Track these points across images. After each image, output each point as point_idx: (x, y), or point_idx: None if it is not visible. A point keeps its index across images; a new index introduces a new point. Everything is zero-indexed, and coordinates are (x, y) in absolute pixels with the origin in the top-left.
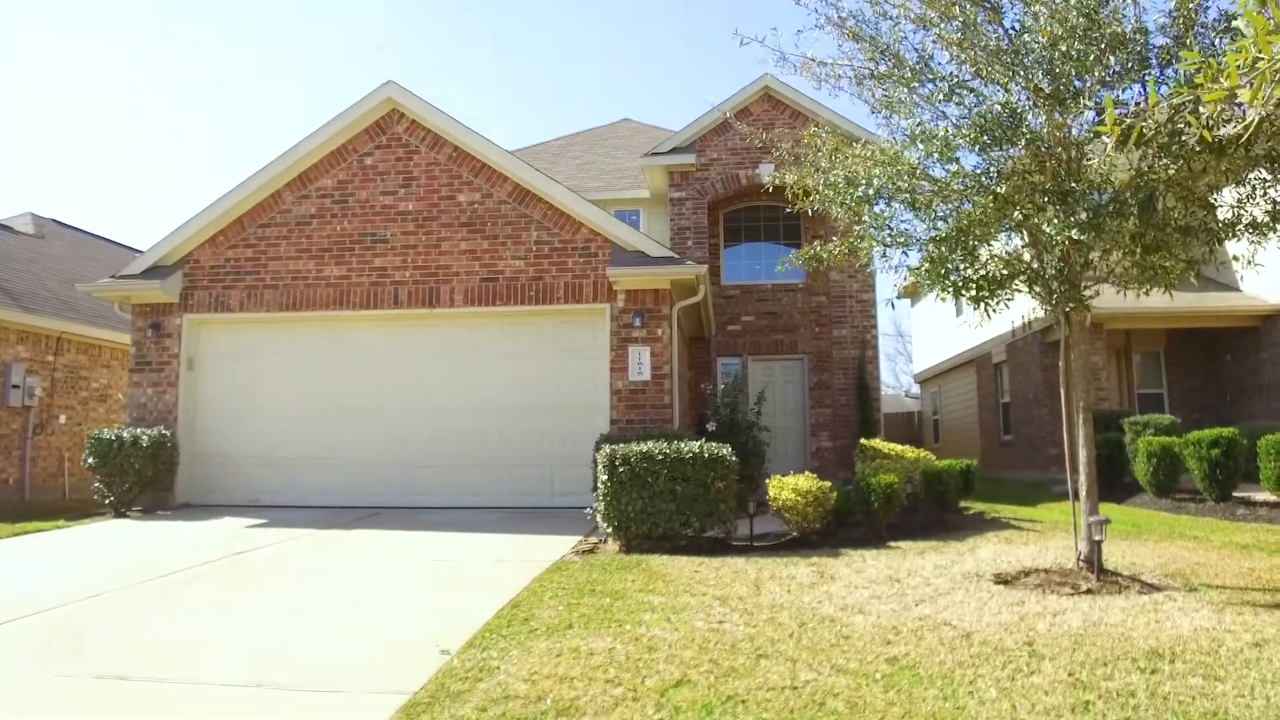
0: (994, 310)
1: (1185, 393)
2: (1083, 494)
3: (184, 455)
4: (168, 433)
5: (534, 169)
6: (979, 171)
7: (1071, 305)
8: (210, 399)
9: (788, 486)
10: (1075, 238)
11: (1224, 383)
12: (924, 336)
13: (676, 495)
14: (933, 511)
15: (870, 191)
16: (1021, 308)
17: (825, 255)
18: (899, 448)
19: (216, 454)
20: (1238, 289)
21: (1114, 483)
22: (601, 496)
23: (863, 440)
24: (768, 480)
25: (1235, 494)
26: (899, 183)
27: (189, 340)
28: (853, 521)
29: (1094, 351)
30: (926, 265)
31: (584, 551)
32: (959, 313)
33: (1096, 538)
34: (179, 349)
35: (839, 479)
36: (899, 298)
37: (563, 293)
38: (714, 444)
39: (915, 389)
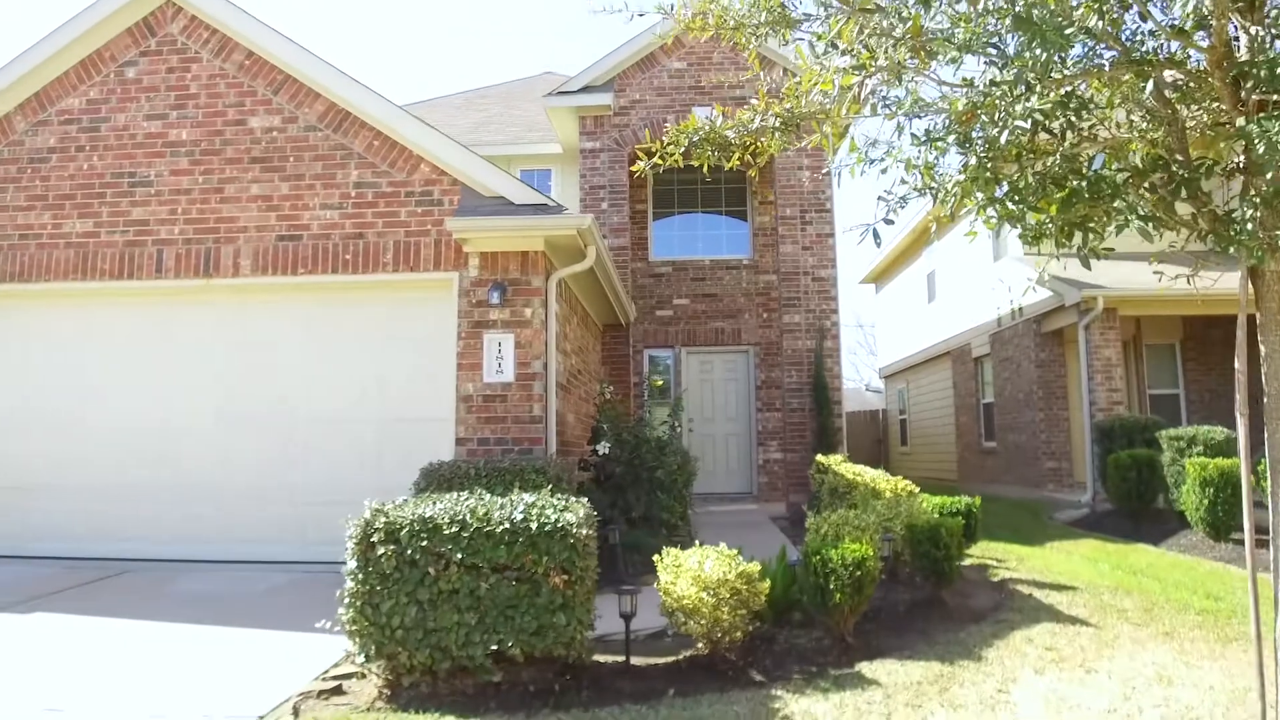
0: (1099, 252)
1: (1204, 393)
2: None
3: None
4: None
5: (357, 82)
6: None
7: None
8: None
9: (687, 574)
10: None
11: (1252, 383)
12: (890, 326)
13: (479, 599)
14: (922, 583)
15: None
16: (1011, 291)
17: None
18: (869, 473)
19: None
20: None
21: (1143, 513)
22: (349, 600)
23: (819, 456)
24: (655, 558)
25: None
26: None
27: None
28: (798, 619)
29: (1107, 344)
30: (974, 154)
31: (324, 693)
32: (931, 297)
33: None
34: None
35: (789, 502)
36: (872, 281)
37: (391, 256)
38: (556, 502)
39: (877, 383)
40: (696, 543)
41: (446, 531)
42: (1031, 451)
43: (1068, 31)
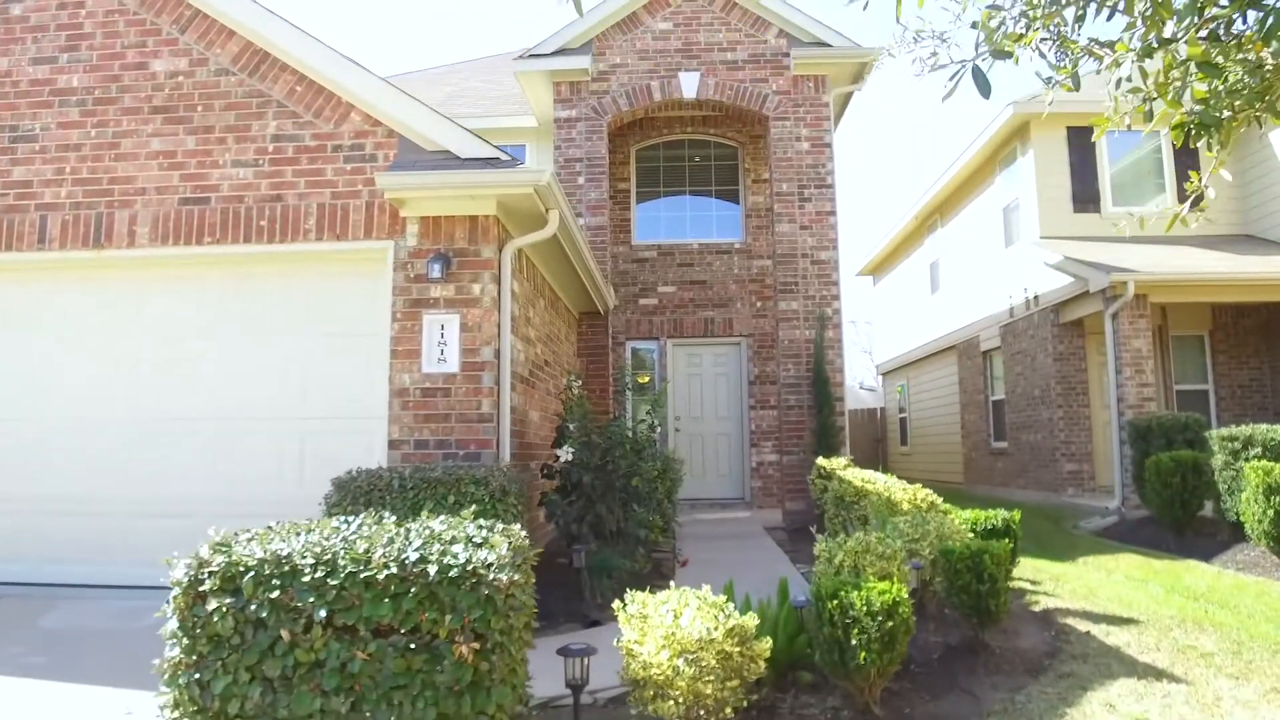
0: None
1: (1235, 389)
2: None
3: None
4: None
5: (277, 16)
6: None
7: None
8: None
9: (658, 630)
10: None
11: (1261, 384)
12: (889, 320)
13: (353, 676)
14: (954, 617)
15: None
16: (1026, 278)
17: None
18: (880, 480)
19: None
20: None
21: (1187, 525)
22: (169, 673)
23: (820, 460)
24: (619, 615)
25: None
26: None
27: None
28: (807, 680)
29: (1137, 334)
30: None
31: None
32: (935, 288)
33: None
34: None
35: (786, 510)
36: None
37: (315, 222)
38: (474, 532)
39: (870, 381)
40: (679, 562)
41: (307, 577)
42: (1048, 452)
43: None
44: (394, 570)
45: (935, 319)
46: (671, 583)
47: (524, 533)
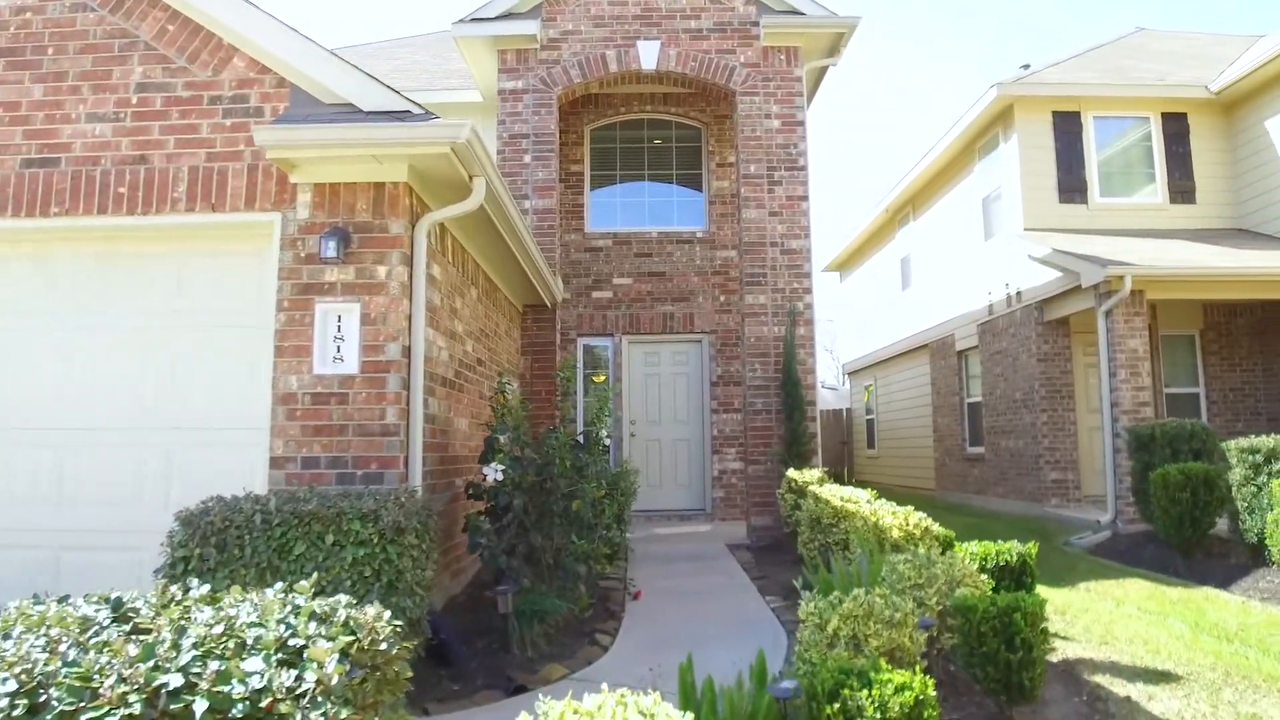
0: None
1: (1226, 392)
2: None
3: None
4: None
5: None
6: None
7: None
8: None
9: None
10: None
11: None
12: (855, 317)
13: None
14: (969, 684)
15: None
16: (1007, 273)
17: None
18: (863, 500)
19: None
20: None
21: (1197, 545)
22: None
23: (791, 472)
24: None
25: None
26: None
27: None
28: None
29: (1133, 333)
30: None
31: None
32: (905, 284)
33: None
34: None
35: (750, 525)
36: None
37: (186, 188)
38: (284, 631)
39: (833, 380)
40: (630, 595)
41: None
42: (1030, 459)
43: None
44: (137, 709)
45: (906, 317)
46: (617, 630)
47: (386, 615)
